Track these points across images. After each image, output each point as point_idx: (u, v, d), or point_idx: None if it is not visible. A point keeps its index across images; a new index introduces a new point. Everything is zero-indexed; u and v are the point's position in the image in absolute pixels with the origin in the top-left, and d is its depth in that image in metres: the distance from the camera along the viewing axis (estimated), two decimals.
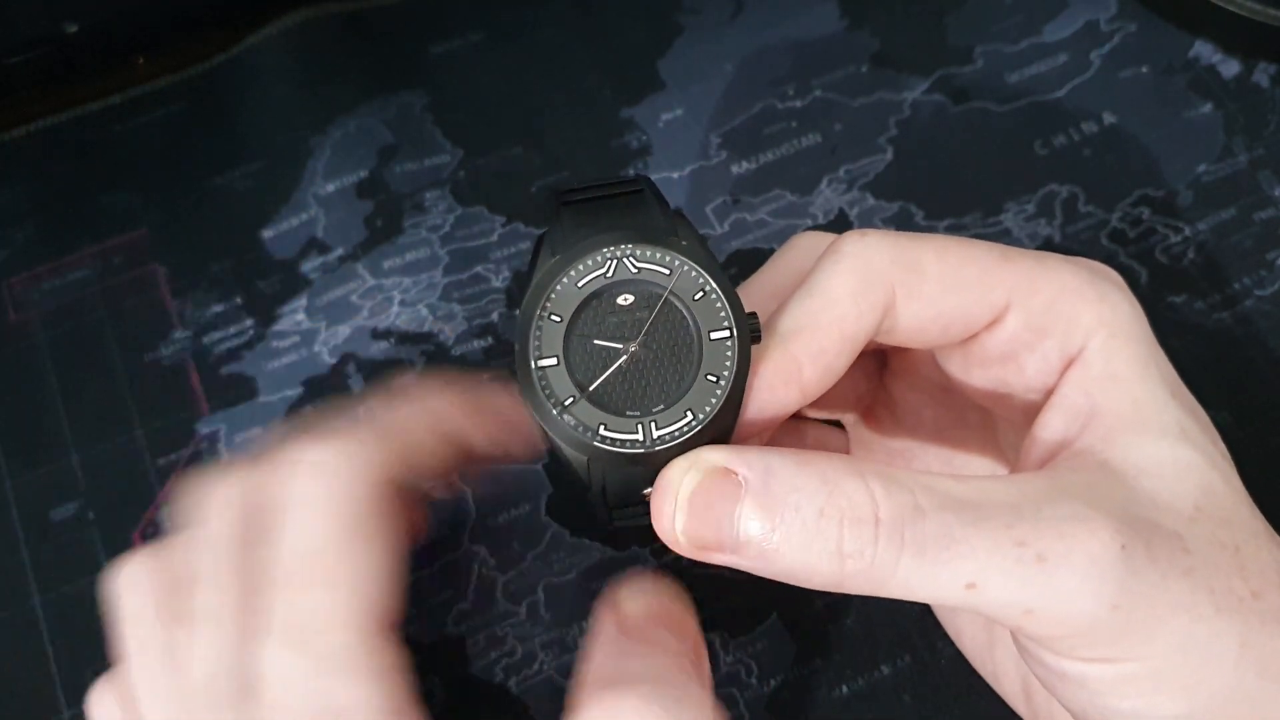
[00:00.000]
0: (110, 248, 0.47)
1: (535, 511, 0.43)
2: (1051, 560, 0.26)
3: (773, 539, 0.27)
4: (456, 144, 0.49)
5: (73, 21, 0.48)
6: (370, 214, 0.48)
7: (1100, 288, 0.31)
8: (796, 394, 0.30)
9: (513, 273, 0.46)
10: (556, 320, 0.30)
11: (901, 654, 0.40)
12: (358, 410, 0.41)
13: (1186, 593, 0.27)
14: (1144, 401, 0.30)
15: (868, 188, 0.48)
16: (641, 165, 0.49)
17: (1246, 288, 0.45)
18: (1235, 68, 0.49)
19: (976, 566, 0.26)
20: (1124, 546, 0.27)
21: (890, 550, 0.27)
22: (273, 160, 0.49)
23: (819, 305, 0.30)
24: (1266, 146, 0.48)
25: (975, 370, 0.33)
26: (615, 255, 0.30)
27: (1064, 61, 0.50)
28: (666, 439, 0.29)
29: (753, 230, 0.47)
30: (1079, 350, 0.31)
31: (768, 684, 0.40)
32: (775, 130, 0.49)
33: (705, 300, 0.30)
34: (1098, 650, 0.27)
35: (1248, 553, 0.28)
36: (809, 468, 0.27)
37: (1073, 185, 0.47)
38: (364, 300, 0.46)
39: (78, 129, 0.50)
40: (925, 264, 0.31)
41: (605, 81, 0.50)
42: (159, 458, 0.44)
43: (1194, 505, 0.29)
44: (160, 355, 0.46)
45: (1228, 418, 0.43)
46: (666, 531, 0.28)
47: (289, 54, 0.50)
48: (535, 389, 0.29)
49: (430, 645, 0.41)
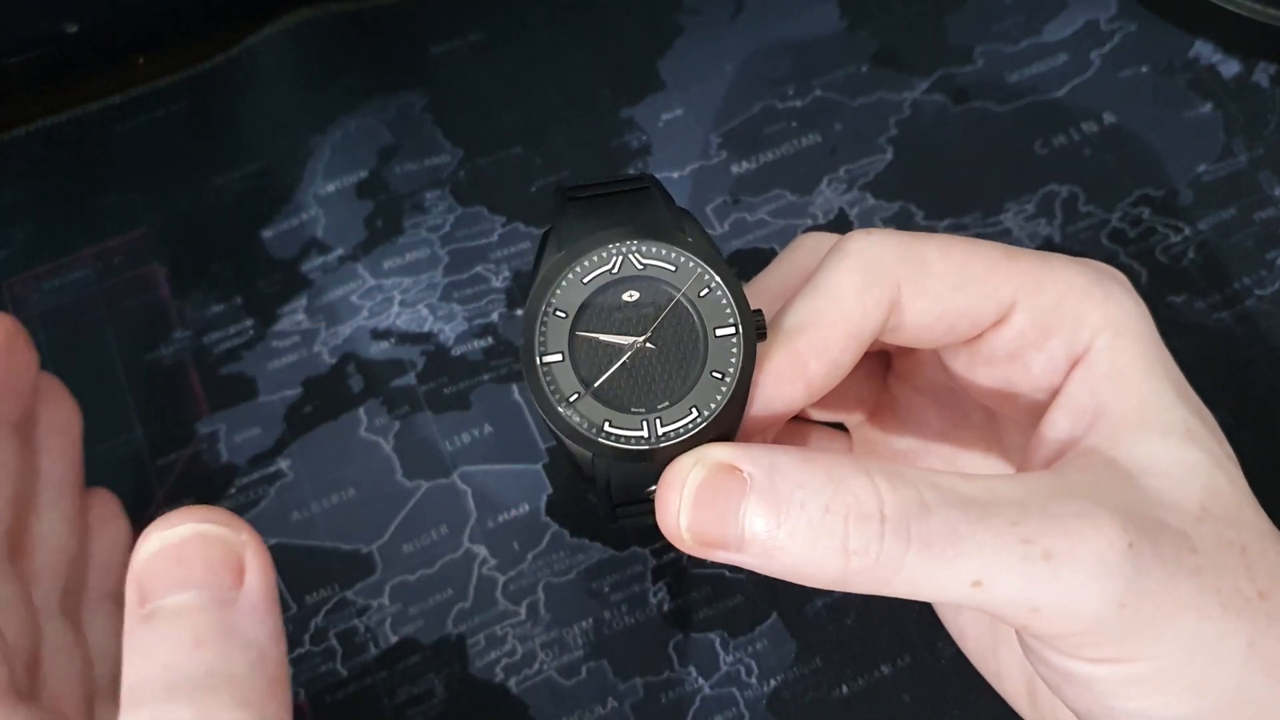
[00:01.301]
0: (110, 248, 0.47)
1: (535, 511, 0.43)
2: (1058, 558, 0.26)
3: (778, 536, 0.27)
4: (456, 144, 0.49)
5: (73, 21, 0.48)
6: (370, 214, 0.48)
7: (1106, 287, 0.31)
8: (802, 391, 0.30)
9: (513, 273, 0.46)
10: (562, 316, 0.30)
11: (901, 654, 0.40)
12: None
13: (1194, 592, 0.27)
14: (1150, 401, 0.30)
15: (868, 188, 0.48)
16: (641, 165, 0.49)
17: (1247, 287, 0.45)
18: (1235, 68, 0.49)
19: (982, 564, 0.26)
20: (1131, 545, 0.27)
21: (896, 547, 0.27)
22: (273, 160, 0.49)
23: (824, 302, 0.30)
24: (1266, 146, 0.48)
25: (980, 370, 0.33)
26: (621, 251, 0.30)
27: (1064, 61, 0.50)
28: (671, 435, 0.29)
29: (753, 230, 0.47)
30: (1085, 349, 0.31)
31: (768, 684, 0.40)
32: (775, 130, 0.49)
33: (711, 297, 0.30)
34: (1104, 650, 0.27)
35: (1254, 553, 0.28)
36: (814, 464, 0.27)
37: (1073, 185, 0.47)
38: (364, 300, 0.46)
39: (78, 129, 0.50)
40: (930, 262, 0.31)
41: (605, 81, 0.50)
42: (159, 458, 0.44)
43: (1200, 505, 0.29)
44: (160, 355, 0.45)
45: (1228, 418, 0.42)
46: (671, 528, 0.28)
47: (289, 54, 0.50)
48: (540, 385, 0.29)
49: (430, 645, 0.41)
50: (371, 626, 0.41)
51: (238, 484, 0.43)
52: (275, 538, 0.42)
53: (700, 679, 0.40)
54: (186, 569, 0.27)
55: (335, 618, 0.41)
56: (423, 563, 0.42)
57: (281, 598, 0.41)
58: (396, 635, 0.41)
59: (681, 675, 0.40)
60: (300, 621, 0.41)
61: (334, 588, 0.42)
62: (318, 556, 0.42)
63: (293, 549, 0.42)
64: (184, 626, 0.26)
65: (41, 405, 0.38)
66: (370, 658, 0.41)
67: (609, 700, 0.40)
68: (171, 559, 0.27)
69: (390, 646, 0.41)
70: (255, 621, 0.27)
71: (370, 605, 0.41)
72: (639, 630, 0.41)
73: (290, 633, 0.41)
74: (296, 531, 0.42)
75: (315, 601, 0.41)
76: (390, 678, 0.40)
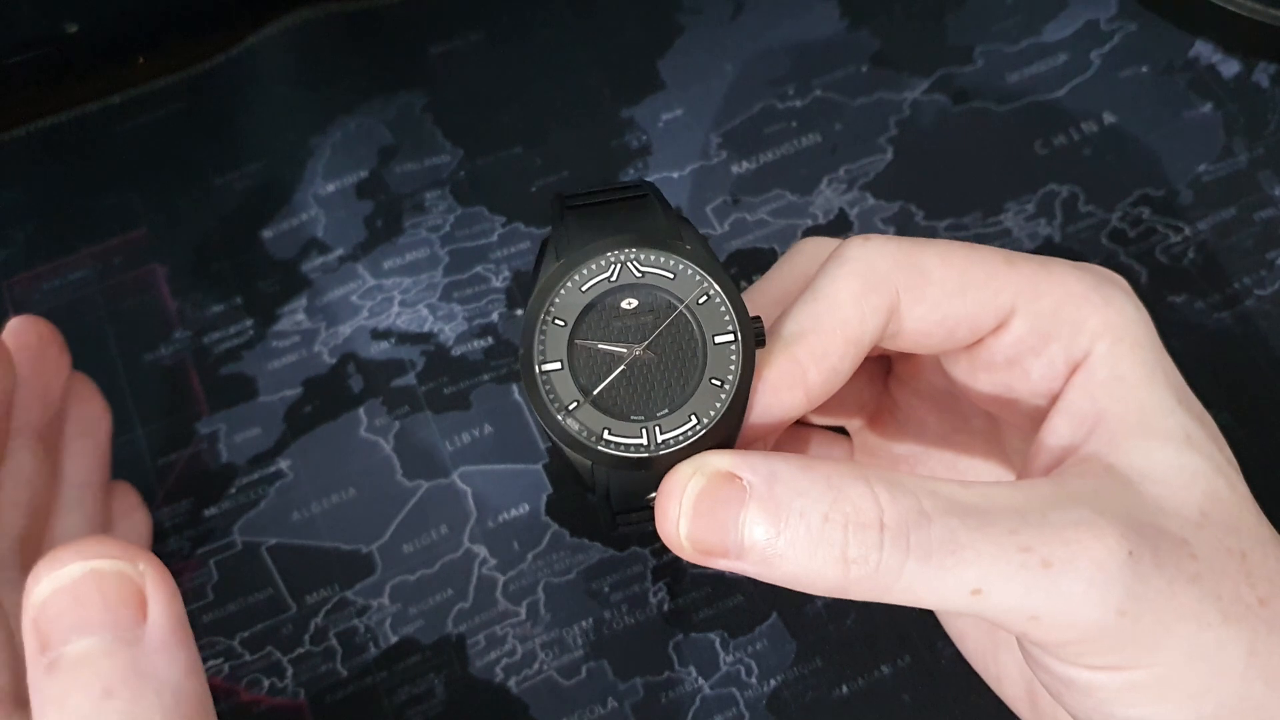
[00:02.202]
0: (110, 248, 0.47)
1: (535, 511, 0.43)
2: (1057, 565, 0.26)
3: (777, 544, 0.27)
4: (456, 144, 0.49)
5: (73, 21, 0.48)
6: (370, 214, 0.48)
7: (1106, 292, 0.31)
8: (801, 398, 0.30)
9: (513, 273, 0.46)
10: (561, 324, 0.30)
11: (901, 654, 0.41)
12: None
13: (1194, 600, 0.27)
14: (1150, 407, 0.30)
15: (868, 188, 0.48)
16: (641, 165, 0.49)
17: (1246, 287, 0.45)
18: (1235, 68, 0.49)
19: (981, 572, 0.26)
20: (1131, 552, 0.27)
21: (895, 555, 0.27)
22: (273, 160, 0.49)
23: (823, 309, 0.30)
24: (1266, 146, 0.48)
25: (980, 375, 0.33)
26: (619, 259, 0.30)
27: (1064, 61, 0.50)
28: (671, 443, 0.29)
29: (753, 230, 0.47)
30: (1084, 355, 0.31)
31: (768, 684, 0.40)
32: (775, 130, 0.49)
33: (709, 304, 0.30)
34: (1104, 657, 0.27)
35: (1255, 559, 0.28)
36: (814, 472, 0.27)
37: (1073, 185, 0.47)
38: (364, 300, 0.46)
39: (78, 129, 0.50)
40: (929, 268, 0.31)
41: (605, 81, 0.50)
42: (159, 458, 0.44)
43: (1200, 511, 0.29)
44: (160, 355, 0.46)
45: (1228, 418, 0.43)
46: (670, 536, 0.28)
47: (289, 54, 0.50)
48: (539, 393, 0.29)
49: (430, 645, 0.41)
50: (371, 626, 0.41)
51: (238, 484, 0.43)
52: (275, 538, 0.42)
53: (700, 679, 0.40)
54: (84, 611, 0.25)
55: (335, 618, 0.41)
56: (423, 563, 0.42)
57: (281, 597, 0.42)
58: (396, 635, 0.41)
59: (681, 675, 0.40)
60: (300, 621, 0.41)
61: (334, 588, 0.42)
62: (318, 556, 0.42)
63: (293, 549, 0.42)
64: (90, 676, 0.25)
65: (71, 405, 0.38)
66: (370, 658, 0.41)
67: (609, 700, 0.40)
68: (67, 601, 0.25)
69: (390, 646, 0.41)
70: (165, 658, 0.26)
71: (370, 605, 0.41)
72: (639, 630, 0.41)
73: (290, 633, 0.41)
74: (296, 531, 0.43)
75: (315, 601, 0.42)
76: (390, 678, 0.41)
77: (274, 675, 0.41)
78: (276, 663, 0.41)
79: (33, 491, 0.36)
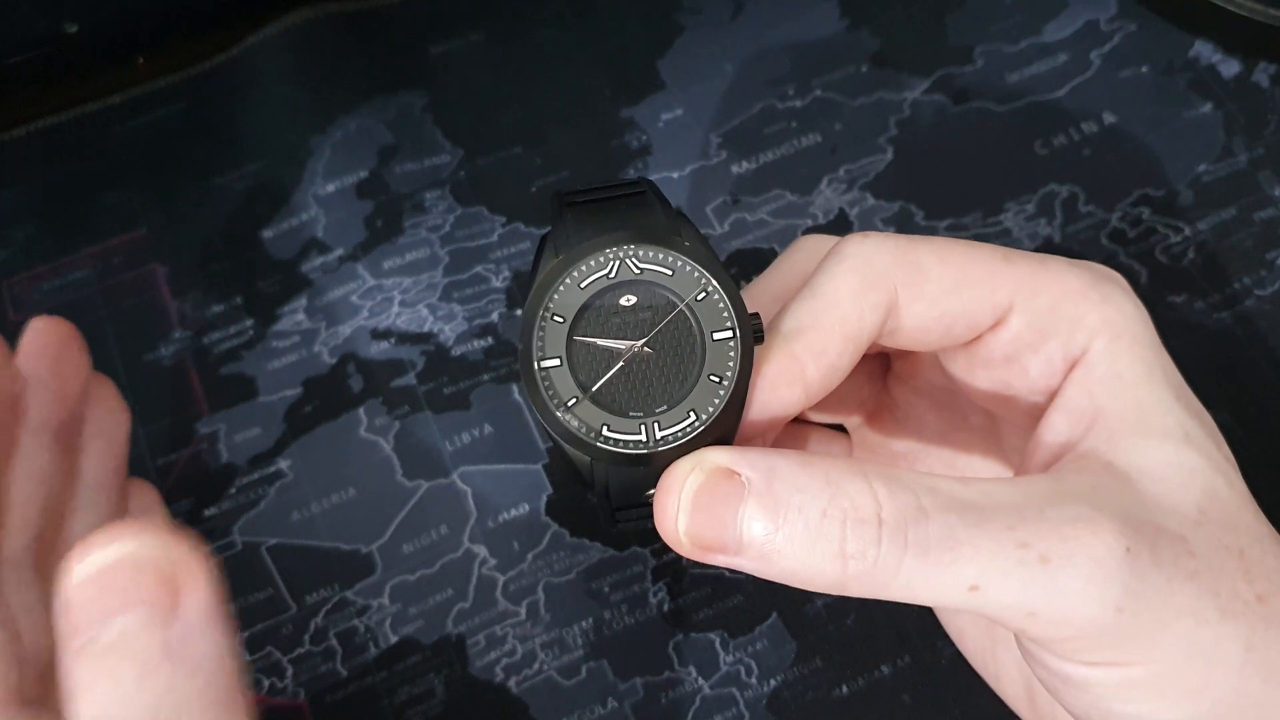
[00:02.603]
0: (110, 248, 0.47)
1: (535, 511, 0.43)
2: (1055, 562, 0.26)
3: (775, 540, 0.27)
4: (456, 144, 0.49)
5: (73, 21, 0.48)
6: (370, 214, 0.48)
7: (1104, 289, 0.31)
8: (800, 394, 0.30)
9: (513, 273, 0.46)
10: (559, 321, 0.30)
11: (901, 654, 0.40)
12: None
13: (1191, 597, 0.27)
14: (1148, 404, 0.30)
15: (868, 188, 0.48)
16: (641, 165, 0.49)
17: (1246, 287, 0.45)
18: (1235, 68, 0.49)
19: (979, 568, 0.26)
20: (1129, 549, 0.27)
21: (893, 551, 0.27)
22: (273, 160, 0.49)
23: (822, 306, 0.30)
24: (1266, 146, 0.48)
25: (978, 372, 0.33)
26: (618, 256, 0.30)
27: (1064, 61, 0.50)
28: (669, 439, 0.29)
29: (753, 230, 0.47)
30: (1082, 352, 0.31)
31: (768, 684, 0.40)
32: (775, 130, 0.49)
33: (708, 301, 0.30)
34: (1102, 654, 0.27)
35: (1252, 556, 0.28)
36: (812, 468, 0.27)
37: (1073, 185, 0.47)
38: (364, 300, 0.46)
39: (78, 129, 0.50)
40: (927, 265, 0.31)
41: (605, 81, 0.50)
42: (159, 458, 0.44)
43: (1198, 509, 0.28)
44: (160, 355, 0.46)
45: (1227, 418, 0.43)
46: (669, 532, 0.28)
47: (289, 54, 0.50)
48: (538, 389, 0.29)
49: (430, 645, 0.41)
50: (371, 626, 0.41)
51: (238, 484, 0.43)
52: (275, 538, 0.42)
53: (700, 679, 0.40)
54: (118, 595, 0.25)
55: (335, 618, 0.41)
56: (423, 563, 0.42)
57: (281, 598, 0.42)
58: (396, 635, 0.41)
59: (681, 675, 0.40)
60: (300, 621, 0.41)
61: (334, 588, 0.42)
62: (318, 556, 0.42)
63: (293, 549, 0.42)
64: (124, 659, 0.25)
65: (90, 406, 0.38)
66: (370, 658, 0.41)
67: (609, 700, 0.40)
68: (101, 585, 0.25)
69: (390, 646, 0.41)
70: (200, 641, 0.26)
71: (370, 605, 0.41)
72: (639, 630, 0.41)
73: (290, 633, 0.41)
74: (296, 531, 0.43)
75: (315, 601, 0.42)
76: (390, 678, 0.41)
77: (274, 675, 0.41)
78: (276, 663, 0.41)
79: (49, 490, 0.36)
